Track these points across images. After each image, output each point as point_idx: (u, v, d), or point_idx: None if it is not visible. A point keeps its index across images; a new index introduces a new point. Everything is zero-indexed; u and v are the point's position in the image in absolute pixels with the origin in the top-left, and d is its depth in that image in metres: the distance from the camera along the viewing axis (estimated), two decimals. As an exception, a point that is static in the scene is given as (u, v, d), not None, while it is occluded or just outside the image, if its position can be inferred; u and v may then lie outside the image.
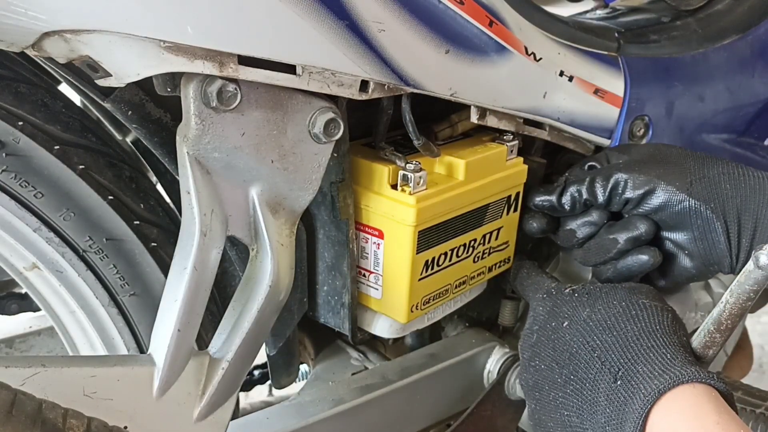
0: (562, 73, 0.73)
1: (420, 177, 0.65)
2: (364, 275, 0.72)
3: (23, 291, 0.97)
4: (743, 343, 1.25)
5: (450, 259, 0.72)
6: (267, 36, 0.51)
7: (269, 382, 1.01)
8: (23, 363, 0.51)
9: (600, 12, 0.95)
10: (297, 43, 0.52)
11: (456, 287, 0.75)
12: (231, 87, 0.52)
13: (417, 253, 0.67)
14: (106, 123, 0.76)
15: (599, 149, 0.81)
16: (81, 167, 0.62)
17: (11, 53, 0.58)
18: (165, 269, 0.67)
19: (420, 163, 0.65)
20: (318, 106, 0.58)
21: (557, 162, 0.85)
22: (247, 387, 1.08)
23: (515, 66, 0.68)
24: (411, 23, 0.59)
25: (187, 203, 0.54)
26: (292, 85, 0.54)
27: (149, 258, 0.66)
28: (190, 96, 0.51)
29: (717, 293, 0.89)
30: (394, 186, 0.66)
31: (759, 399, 0.90)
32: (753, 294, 0.52)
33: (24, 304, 0.98)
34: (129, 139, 0.80)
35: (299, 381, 0.89)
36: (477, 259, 0.75)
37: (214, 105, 0.52)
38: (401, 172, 0.65)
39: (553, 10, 0.78)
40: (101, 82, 0.50)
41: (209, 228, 0.54)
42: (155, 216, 0.67)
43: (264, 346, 0.75)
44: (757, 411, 0.89)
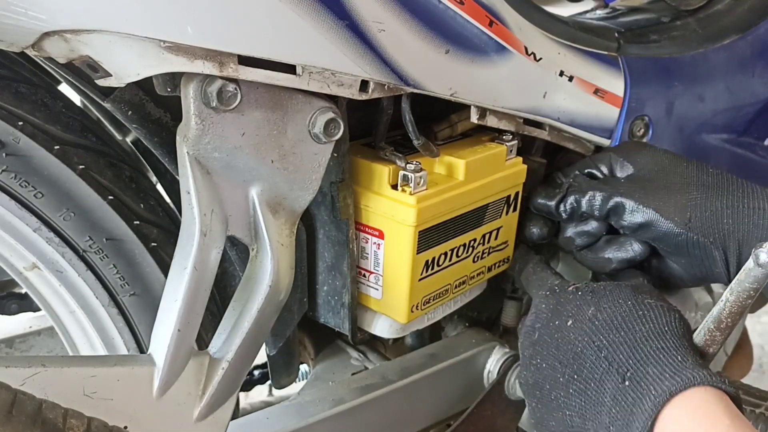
0: (562, 73, 0.73)
1: (420, 177, 0.65)
2: (364, 275, 0.72)
3: (23, 291, 0.97)
4: (743, 343, 1.25)
5: (450, 259, 0.72)
6: (267, 36, 0.51)
7: (269, 382, 1.01)
8: (23, 363, 0.51)
9: (600, 12, 0.95)
10: (297, 43, 0.52)
11: (456, 287, 0.75)
12: (231, 87, 0.52)
13: (417, 254, 0.67)
14: (106, 123, 0.76)
15: (599, 149, 0.81)
16: (81, 167, 0.62)
17: (11, 53, 0.58)
18: (165, 269, 0.67)
19: (420, 164, 0.65)
20: (318, 106, 0.58)
21: (557, 162, 0.85)
22: (247, 387, 1.08)
23: (515, 66, 0.68)
24: (411, 23, 0.59)
25: (187, 203, 0.54)
26: (292, 85, 0.54)
27: (149, 258, 0.66)
28: (190, 96, 0.51)
29: (717, 293, 0.89)
30: (394, 186, 0.66)
31: (759, 399, 0.90)
32: (753, 292, 0.52)
33: (24, 304, 0.98)
34: (129, 139, 0.80)
35: (299, 381, 0.89)
36: (477, 259, 0.75)
37: (214, 105, 0.52)
38: (402, 172, 0.65)
39: (553, 10, 0.78)
40: (101, 82, 0.50)
41: (209, 228, 0.54)
42: (155, 216, 0.67)
43: (264, 346, 0.75)
44: (757, 411, 0.88)
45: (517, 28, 0.69)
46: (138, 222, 0.65)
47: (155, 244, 0.67)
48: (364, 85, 0.58)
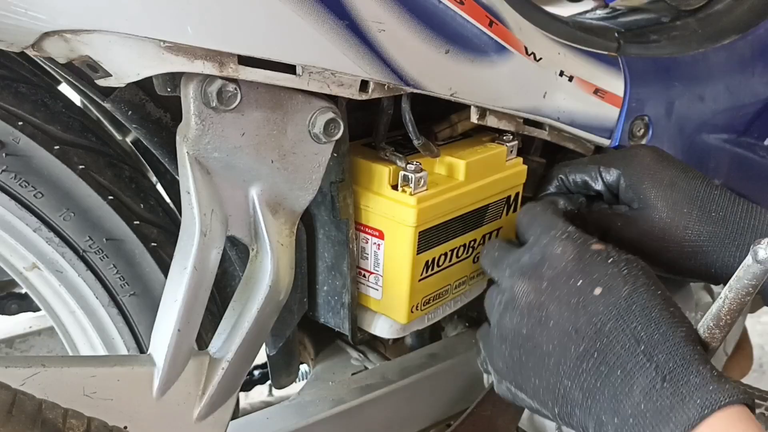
0: (562, 73, 0.73)
1: (421, 178, 0.65)
2: (364, 276, 0.72)
3: (23, 291, 0.97)
4: (743, 343, 1.25)
5: (450, 260, 0.72)
6: (267, 36, 0.51)
7: (269, 382, 1.01)
8: (23, 363, 0.51)
9: (600, 12, 0.95)
10: (297, 43, 0.52)
11: (456, 287, 0.75)
12: (231, 87, 0.52)
13: (417, 254, 0.67)
14: (106, 123, 0.76)
15: (599, 149, 0.81)
16: (81, 167, 0.62)
17: (11, 53, 0.58)
18: (165, 269, 0.67)
19: (420, 164, 0.65)
20: (318, 106, 0.58)
21: (557, 162, 0.85)
22: (247, 387, 1.08)
23: (515, 66, 0.68)
24: (411, 23, 0.59)
25: (187, 203, 0.54)
26: (292, 85, 0.54)
27: (149, 258, 0.66)
28: (190, 96, 0.51)
29: (717, 293, 0.89)
30: (394, 186, 0.66)
31: (759, 399, 0.90)
32: (752, 289, 0.51)
33: (24, 304, 0.99)
34: (129, 139, 0.80)
35: (299, 381, 0.89)
36: (477, 260, 0.75)
37: (214, 105, 0.52)
38: (402, 172, 0.65)
39: (553, 10, 0.78)
40: (101, 82, 0.50)
41: (209, 228, 0.54)
42: (155, 216, 0.67)
43: (264, 346, 0.75)
44: (757, 411, 0.89)
45: (517, 28, 0.69)
46: (138, 222, 0.65)
47: (155, 244, 0.67)
48: (364, 85, 0.58)
